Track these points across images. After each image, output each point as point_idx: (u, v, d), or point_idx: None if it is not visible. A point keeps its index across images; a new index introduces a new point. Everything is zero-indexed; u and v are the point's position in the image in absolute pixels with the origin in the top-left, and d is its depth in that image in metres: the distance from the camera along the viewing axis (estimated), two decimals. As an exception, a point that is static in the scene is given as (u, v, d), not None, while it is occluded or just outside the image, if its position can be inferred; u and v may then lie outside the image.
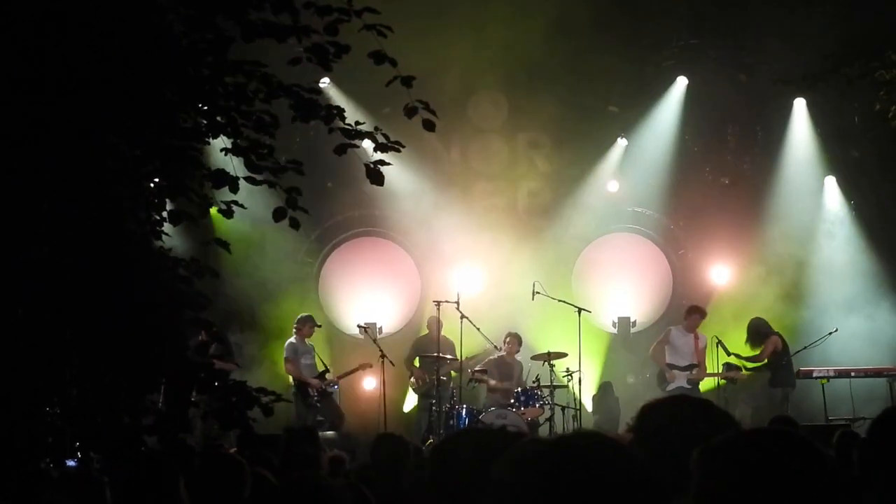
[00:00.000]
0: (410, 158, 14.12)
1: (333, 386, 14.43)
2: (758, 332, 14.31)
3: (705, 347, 14.33)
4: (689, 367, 14.19)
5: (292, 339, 14.27)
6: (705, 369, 14.31)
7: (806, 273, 16.47)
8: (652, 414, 2.67)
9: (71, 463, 5.85)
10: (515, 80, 16.09)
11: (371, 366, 14.50)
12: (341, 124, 5.57)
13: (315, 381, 14.13)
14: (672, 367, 14.25)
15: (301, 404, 13.94)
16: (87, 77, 4.98)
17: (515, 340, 14.44)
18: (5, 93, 4.88)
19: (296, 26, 5.27)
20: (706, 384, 14.97)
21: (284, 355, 14.22)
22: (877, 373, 14.35)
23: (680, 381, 14.13)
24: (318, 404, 14.11)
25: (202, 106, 5.51)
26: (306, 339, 14.35)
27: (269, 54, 5.60)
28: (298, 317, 14.48)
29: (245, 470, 4.62)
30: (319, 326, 14.65)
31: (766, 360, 14.23)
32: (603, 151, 17.14)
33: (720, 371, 14.25)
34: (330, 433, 13.39)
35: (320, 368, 14.34)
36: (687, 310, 14.76)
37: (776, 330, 14.40)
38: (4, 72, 4.87)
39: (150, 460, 4.71)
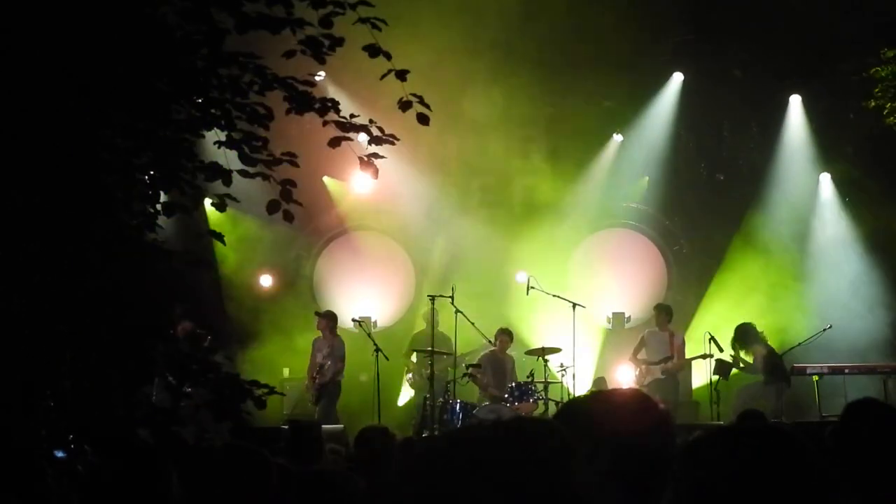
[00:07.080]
0: (405, 153, 14.13)
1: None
2: (745, 335, 14.31)
3: (682, 344, 14.53)
4: (664, 360, 14.36)
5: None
6: (683, 362, 14.47)
7: (800, 269, 16.49)
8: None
9: (60, 454, 5.84)
10: (511, 74, 16.06)
11: None
12: (336, 117, 5.54)
13: (307, 381, 14.29)
14: (646, 362, 14.45)
15: None
16: (80, 69, 4.96)
17: (506, 336, 14.42)
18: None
19: (290, 18, 5.26)
20: (698, 381, 15.03)
21: None
22: (870, 370, 14.36)
23: (654, 373, 14.37)
24: (313, 403, 14.19)
25: (196, 98, 5.49)
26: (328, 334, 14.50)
27: (261, 46, 5.58)
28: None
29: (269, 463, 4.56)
30: (321, 315, 14.67)
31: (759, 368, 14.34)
32: (598, 147, 17.14)
33: (714, 368, 14.28)
34: (333, 426, 13.32)
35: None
36: (654, 308, 15.04)
37: (764, 334, 14.43)
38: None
39: (143, 452, 4.69)
